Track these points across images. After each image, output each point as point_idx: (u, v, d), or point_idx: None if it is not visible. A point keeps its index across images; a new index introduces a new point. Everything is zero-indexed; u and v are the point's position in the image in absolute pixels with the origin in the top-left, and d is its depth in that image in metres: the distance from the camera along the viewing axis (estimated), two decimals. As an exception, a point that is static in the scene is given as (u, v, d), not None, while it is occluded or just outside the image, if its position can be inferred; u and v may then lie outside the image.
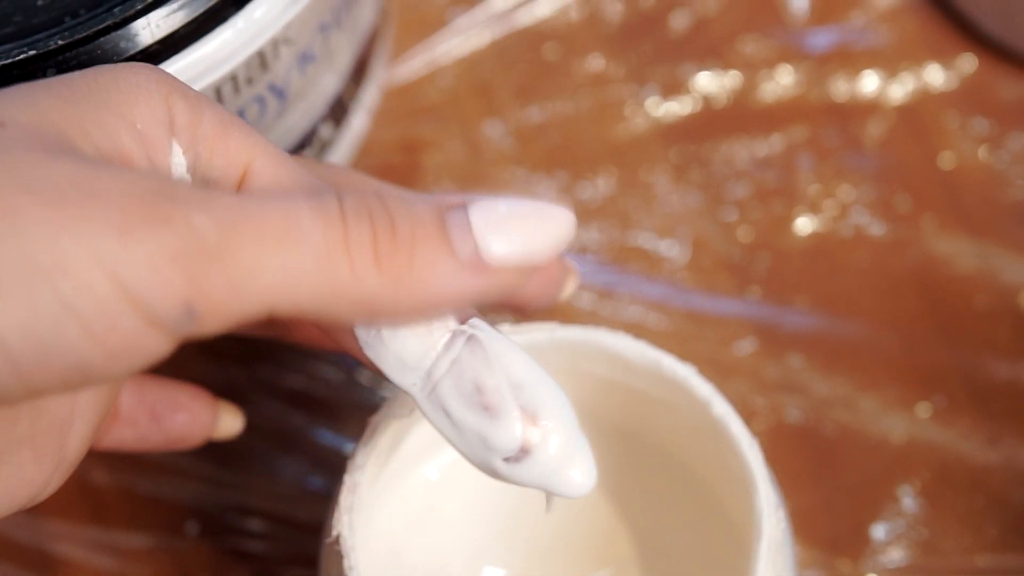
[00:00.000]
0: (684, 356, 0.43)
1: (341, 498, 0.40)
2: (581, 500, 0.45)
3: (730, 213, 0.54)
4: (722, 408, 0.41)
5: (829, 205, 0.54)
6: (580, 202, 0.54)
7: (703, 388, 0.42)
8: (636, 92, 0.56)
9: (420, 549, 0.45)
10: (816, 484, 0.50)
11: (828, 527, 0.50)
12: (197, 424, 0.43)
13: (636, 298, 0.53)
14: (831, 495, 0.50)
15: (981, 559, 0.49)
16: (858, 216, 0.54)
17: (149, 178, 0.33)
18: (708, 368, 0.45)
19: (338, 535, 0.40)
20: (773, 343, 0.52)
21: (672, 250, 0.53)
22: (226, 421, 0.44)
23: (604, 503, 0.45)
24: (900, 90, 0.56)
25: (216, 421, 0.44)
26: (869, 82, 0.56)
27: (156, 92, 0.35)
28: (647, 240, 0.54)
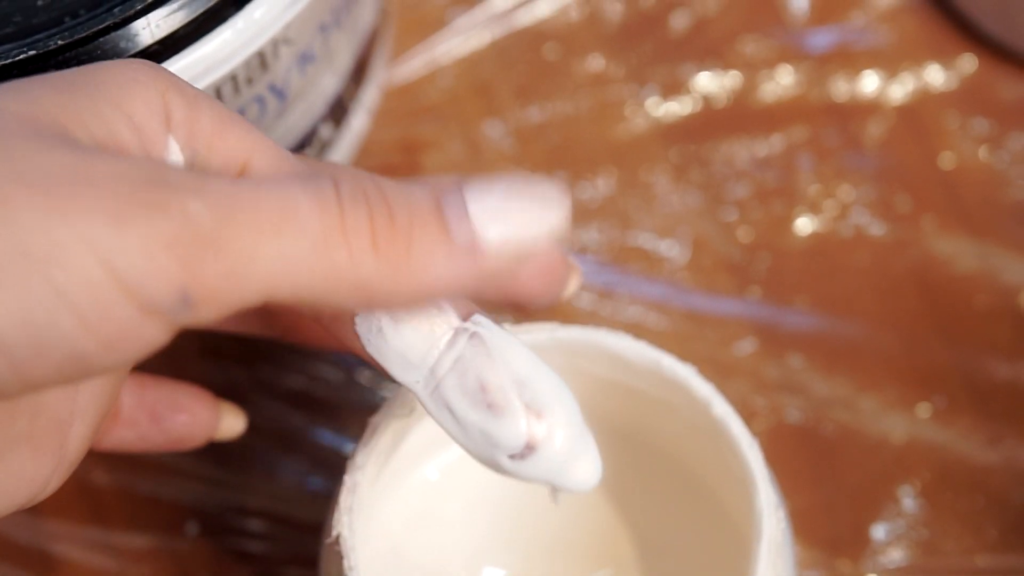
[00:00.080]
0: (684, 356, 0.43)
1: (341, 498, 0.40)
2: (581, 500, 0.45)
3: (730, 213, 0.54)
4: (722, 408, 0.41)
5: (829, 205, 0.54)
6: (580, 202, 0.54)
7: (703, 388, 0.42)
8: (636, 92, 0.56)
9: (420, 549, 0.45)
10: (816, 484, 0.50)
11: (828, 527, 0.50)
12: (198, 425, 0.43)
13: (636, 298, 0.53)
14: (831, 495, 0.50)
15: (981, 559, 0.49)
16: (858, 216, 0.54)
17: (144, 164, 0.33)
18: (708, 368, 0.45)
19: (338, 535, 0.40)
20: (773, 343, 0.52)
21: (672, 250, 0.53)
22: (228, 421, 0.44)
23: (604, 503, 0.45)
24: (900, 90, 0.56)
25: (217, 421, 0.44)
26: (869, 82, 0.56)
27: (153, 87, 0.35)
28: (647, 240, 0.53)
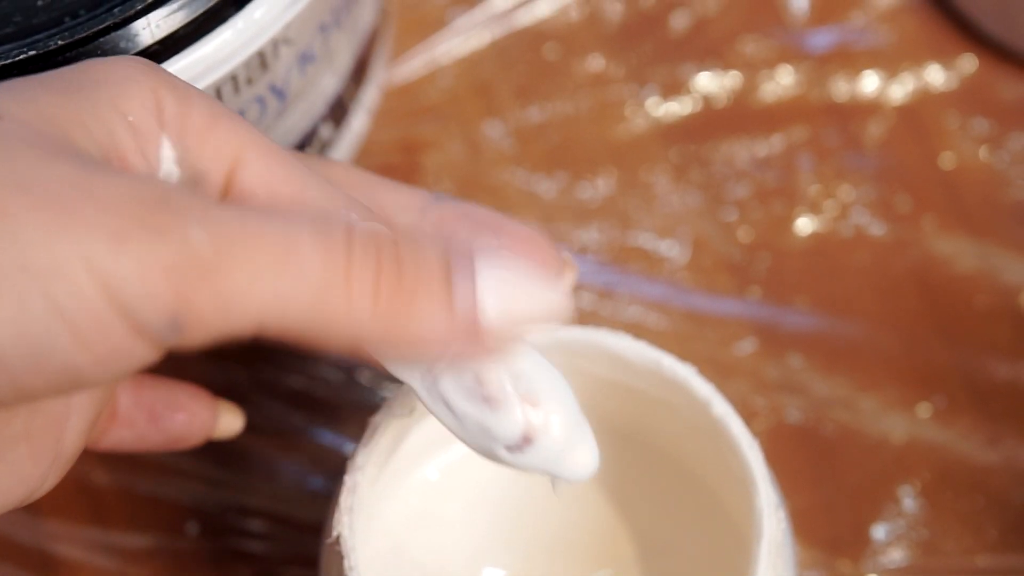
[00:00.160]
0: (684, 356, 0.43)
1: (341, 498, 0.40)
2: (581, 500, 0.45)
3: (730, 213, 0.54)
4: (722, 408, 0.41)
5: (829, 205, 0.54)
6: (580, 202, 0.54)
7: (703, 388, 0.42)
8: (636, 92, 0.56)
9: (420, 549, 0.45)
10: (816, 484, 0.50)
11: (828, 527, 0.50)
12: (196, 424, 0.43)
13: (636, 298, 0.53)
14: (831, 495, 0.50)
15: (981, 559, 0.49)
16: (858, 216, 0.54)
17: (150, 185, 0.33)
18: (708, 368, 0.45)
19: (338, 535, 0.40)
20: (773, 343, 0.52)
21: (672, 250, 0.53)
22: (226, 420, 0.44)
23: (604, 503, 0.45)
24: (900, 90, 0.56)
25: (216, 421, 0.44)
26: (869, 82, 0.56)
27: (146, 84, 0.35)
28: (647, 240, 0.53)
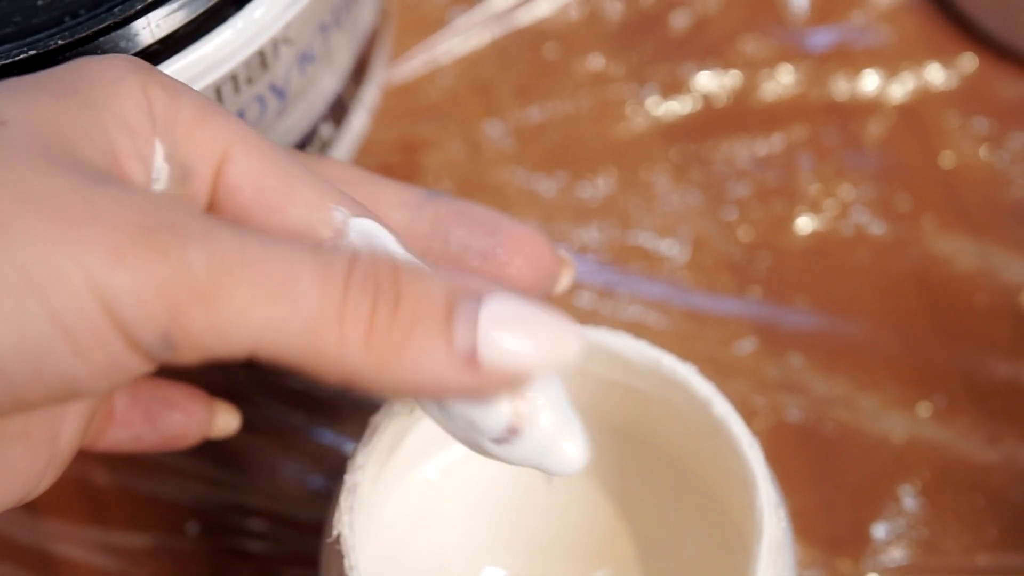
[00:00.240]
0: (684, 355, 0.42)
1: (341, 498, 0.40)
2: (581, 500, 0.45)
3: (730, 212, 0.54)
4: (722, 407, 0.41)
5: (829, 204, 0.54)
6: (580, 201, 0.54)
7: (703, 387, 0.42)
8: (636, 91, 0.56)
9: (420, 549, 0.45)
10: (816, 483, 0.50)
11: (828, 526, 0.50)
12: (193, 423, 0.43)
13: (636, 297, 0.53)
14: (831, 494, 0.50)
15: (982, 558, 0.49)
16: (858, 215, 0.54)
17: (154, 202, 0.33)
18: (708, 367, 0.45)
19: (338, 535, 0.40)
20: (773, 342, 0.52)
21: (672, 249, 0.53)
22: (222, 419, 0.44)
23: (604, 503, 0.45)
24: (900, 89, 0.56)
25: (212, 420, 0.44)
26: (869, 81, 0.56)
27: (135, 82, 0.35)
28: (647, 239, 0.53)
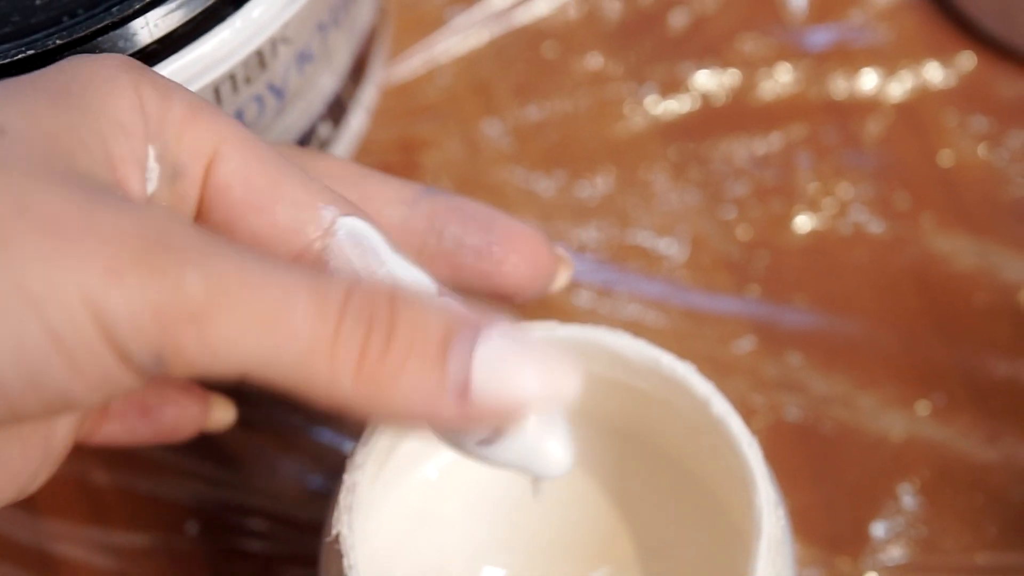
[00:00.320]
0: (683, 354, 0.42)
1: (341, 497, 0.40)
2: (581, 500, 0.45)
3: (729, 211, 0.54)
4: (721, 406, 0.41)
5: (828, 203, 0.54)
6: (579, 200, 0.54)
7: (702, 386, 0.42)
8: (635, 90, 0.56)
9: (420, 549, 0.45)
10: (815, 482, 0.50)
11: (828, 525, 0.50)
12: (187, 416, 0.43)
13: (635, 296, 0.53)
14: (830, 493, 0.50)
15: (981, 557, 0.49)
16: (857, 214, 0.54)
17: (153, 219, 0.33)
18: (707, 366, 0.45)
19: (338, 534, 0.40)
20: (772, 341, 0.52)
21: (671, 248, 0.53)
22: (218, 413, 0.44)
23: (604, 503, 0.45)
24: (899, 88, 0.56)
25: (207, 413, 0.44)
26: (868, 80, 0.56)
27: (128, 82, 0.35)
28: (646, 238, 0.53)
